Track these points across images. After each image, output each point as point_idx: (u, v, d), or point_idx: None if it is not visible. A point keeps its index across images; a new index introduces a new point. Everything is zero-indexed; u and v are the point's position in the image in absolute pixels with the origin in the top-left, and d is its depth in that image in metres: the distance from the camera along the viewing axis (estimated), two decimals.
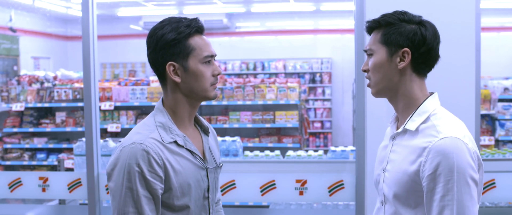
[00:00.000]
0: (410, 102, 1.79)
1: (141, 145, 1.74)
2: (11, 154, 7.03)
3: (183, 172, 1.81)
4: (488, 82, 6.88)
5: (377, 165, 1.92)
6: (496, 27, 11.62)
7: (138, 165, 1.72)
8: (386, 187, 1.81)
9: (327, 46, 12.14)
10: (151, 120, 1.86)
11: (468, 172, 1.61)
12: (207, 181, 1.90)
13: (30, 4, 10.39)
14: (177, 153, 1.81)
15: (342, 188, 3.67)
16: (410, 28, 1.75)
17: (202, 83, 1.84)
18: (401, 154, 1.77)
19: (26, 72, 8.53)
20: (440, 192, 1.61)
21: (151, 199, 1.74)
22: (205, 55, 1.83)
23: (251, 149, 5.71)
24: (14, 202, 4.75)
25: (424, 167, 1.65)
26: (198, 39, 1.84)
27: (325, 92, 12.08)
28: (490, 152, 4.17)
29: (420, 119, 1.75)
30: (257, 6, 11.87)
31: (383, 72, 1.78)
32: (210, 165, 1.93)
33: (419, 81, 1.80)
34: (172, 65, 1.81)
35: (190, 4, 11.21)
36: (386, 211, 1.83)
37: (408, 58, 1.75)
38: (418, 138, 1.72)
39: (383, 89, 1.81)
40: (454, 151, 1.61)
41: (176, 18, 1.84)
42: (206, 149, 1.95)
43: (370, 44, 1.82)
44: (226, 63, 11.93)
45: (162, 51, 1.81)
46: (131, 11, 11.76)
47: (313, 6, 11.55)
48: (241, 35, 12.94)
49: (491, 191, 3.57)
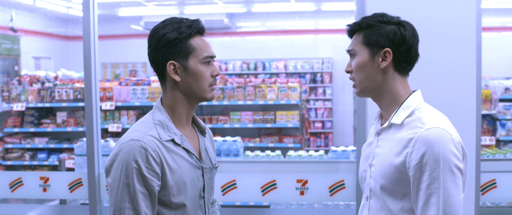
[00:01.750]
0: (394, 99, 1.85)
1: (139, 142, 1.77)
2: (12, 154, 7.03)
3: (179, 170, 1.84)
4: (489, 82, 6.88)
5: (363, 163, 1.96)
6: (497, 27, 11.61)
7: (136, 162, 1.75)
8: (372, 181, 1.85)
9: (328, 46, 12.13)
10: (149, 118, 1.89)
11: (452, 161, 1.66)
12: (202, 180, 1.93)
13: (31, 4, 10.40)
14: (174, 151, 1.84)
15: (343, 188, 3.66)
16: (390, 28, 1.82)
17: (201, 83, 1.87)
18: (386, 147, 1.81)
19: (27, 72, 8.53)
20: (426, 181, 1.66)
21: (147, 195, 1.77)
22: (205, 56, 1.87)
23: (252, 149, 5.72)
24: (15, 202, 4.74)
25: (410, 157, 1.70)
26: (199, 40, 1.88)
27: (326, 92, 12.08)
28: (491, 152, 4.17)
29: (405, 113, 1.80)
30: (258, 6, 11.87)
31: (366, 72, 1.84)
32: (206, 165, 1.96)
33: (402, 80, 1.86)
34: (172, 64, 1.85)
35: (191, 4, 11.21)
36: (371, 206, 1.86)
37: (389, 58, 1.81)
38: (403, 130, 1.77)
39: (367, 89, 1.87)
40: (439, 141, 1.66)
41: (178, 19, 1.88)
42: (203, 149, 1.98)
43: (352, 45, 1.89)
44: (227, 63, 11.92)
45: (163, 50, 1.84)
46: (132, 11, 11.76)
47: (314, 6, 11.54)
48: (242, 35, 12.94)
49: (492, 191, 3.56)
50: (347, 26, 1.91)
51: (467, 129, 3.28)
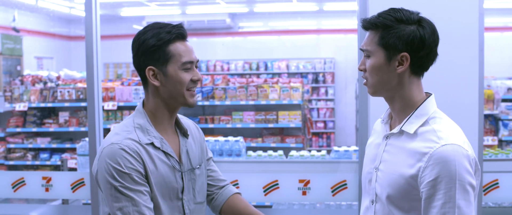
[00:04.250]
0: (408, 104, 1.77)
1: (119, 144, 1.81)
2: (14, 153, 7.04)
3: (157, 173, 1.87)
4: (491, 82, 6.86)
5: (368, 163, 1.91)
6: (499, 27, 11.59)
7: (117, 163, 1.79)
8: (378, 187, 1.80)
9: (330, 46, 12.12)
10: (130, 121, 1.93)
11: (467, 179, 1.62)
12: (181, 182, 1.94)
13: (33, 4, 10.40)
14: (153, 154, 1.87)
15: (345, 188, 3.66)
16: (409, 30, 1.70)
17: (180, 89, 1.88)
18: (396, 155, 1.76)
19: (29, 72, 8.54)
20: (441, 199, 1.61)
21: (140, 191, 1.80)
22: (184, 62, 1.88)
23: (254, 149, 5.71)
24: (18, 202, 4.75)
25: (423, 173, 1.65)
26: (180, 45, 1.89)
27: (328, 92, 12.07)
28: (493, 152, 4.16)
29: (418, 122, 1.73)
30: (260, 6, 11.86)
31: (381, 75, 1.75)
32: (185, 167, 1.97)
33: (417, 82, 1.77)
34: (151, 70, 1.88)
35: (193, 4, 11.21)
36: (377, 211, 1.82)
37: (406, 63, 1.72)
38: (416, 141, 1.70)
39: (380, 91, 1.80)
40: (455, 159, 1.61)
41: (159, 24, 1.90)
42: (183, 151, 1.99)
43: (367, 44, 1.79)
44: (229, 63, 11.92)
45: (143, 57, 1.88)
46: (134, 11, 11.77)
47: (316, 6, 11.53)
48: (244, 35, 12.94)
49: (494, 191, 3.56)
50: (362, 22, 1.80)
51: (470, 129, 3.27)
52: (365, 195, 1.93)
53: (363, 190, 1.95)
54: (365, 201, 1.91)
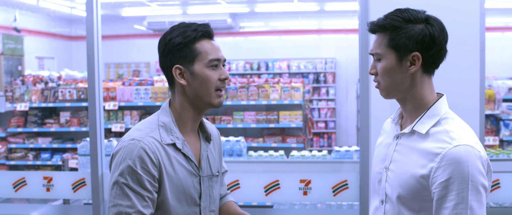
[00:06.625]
0: (420, 104, 1.77)
1: (140, 142, 1.78)
2: (15, 153, 7.05)
3: (174, 175, 1.84)
4: (492, 82, 6.87)
5: (378, 163, 1.90)
6: (500, 27, 11.59)
7: (132, 161, 1.76)
8: (389, 187, 1.79)
9: (331, 46, 12.13)
10: (154, 119, 1.90)
11: (480, 180, 1.61)
12: (199, 188, 1.91)
13: (34, 4, 10.42)
14: (173, 156, 1.84)
15: (346, 188, 3.66)
16: (418, 29, 1.70)
17: (207, 88, 1.86)
18: (407, 155, 1.75)
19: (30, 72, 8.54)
20: (453, 200, 1.61)
21: (142, 196, 1.77)
22: (211, 59, 1.86)
23: (255, 149, 5.71)
24: (19, 202, 4.76)
25: (435, 173, 1.64)
26: (206, 43, 1.88)
27: (329, 92, 12.07)
28: (494, 152, 4.16)
29: (430, 122, 1.73)
30: (261, 6, 11.86)
31: (394, 77, 1.75)
32: (204, 172, 1.94)
33: (428, 81, 1.77)
34: (178, 68, 1.85)
35: (194, 4, 11.21)
36: (386, 211, 1.81)
37: (418, 63, 1.72)
38: (428, 141, 1.70)
39: (394, 93, 1.79)
40: (468, 160, 1.61)
41: (186, 23, 1.88)
42: (204, 156, 1.96)
43: (376, 48, 1.78)
44: (230, 63, 11.92)
45: (170, 55, 1.86)
46: (135, 11, 11.78)
47: (317, 6, 11.54)
48: (245, 35, 12.94)
49: (496, 191, 3.56)
50: (369, 25, 1.79)
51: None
52: (374, 195, 1.92)
53: (373, 190, 1.93)
54: (375, 201, 1.90)
